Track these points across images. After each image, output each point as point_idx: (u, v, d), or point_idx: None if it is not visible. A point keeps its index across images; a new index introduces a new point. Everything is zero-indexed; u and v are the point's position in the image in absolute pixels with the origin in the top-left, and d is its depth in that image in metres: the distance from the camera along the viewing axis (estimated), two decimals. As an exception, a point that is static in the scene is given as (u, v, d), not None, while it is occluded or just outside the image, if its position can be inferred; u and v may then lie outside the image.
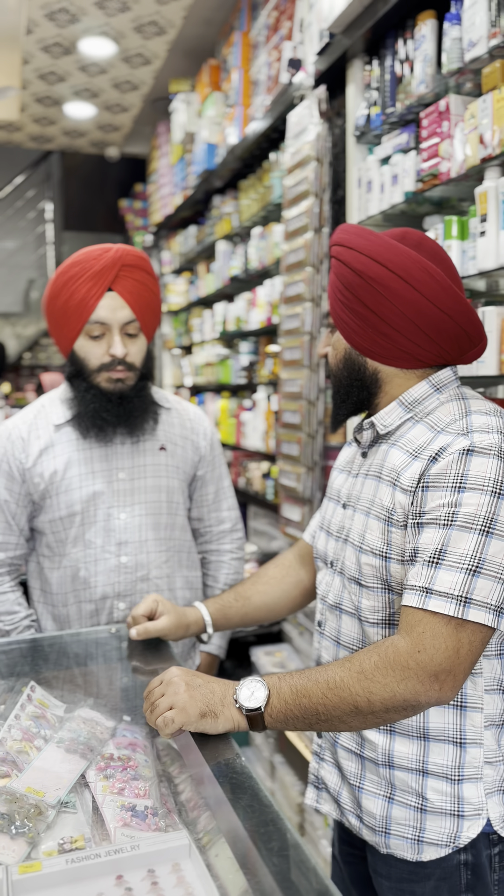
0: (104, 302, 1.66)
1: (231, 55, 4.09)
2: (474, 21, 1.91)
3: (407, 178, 2.31)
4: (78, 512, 1.71)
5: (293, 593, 1.57)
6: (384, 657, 1.09)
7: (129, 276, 1.68)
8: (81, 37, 4.43)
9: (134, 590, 1.74)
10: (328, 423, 2.89)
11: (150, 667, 1.45)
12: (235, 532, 1.98)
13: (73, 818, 1.07)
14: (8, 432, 1.76)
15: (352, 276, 1.24)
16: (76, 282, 1.65)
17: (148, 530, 1.76)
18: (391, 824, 1.24)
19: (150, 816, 1.07)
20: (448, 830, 1.20)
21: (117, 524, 1.73)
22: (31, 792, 1.08)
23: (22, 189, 8.08)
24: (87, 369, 1.71)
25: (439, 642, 1.07)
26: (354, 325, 1.26)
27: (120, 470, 1.75)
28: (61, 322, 1.69)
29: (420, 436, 1.21)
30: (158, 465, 1.79)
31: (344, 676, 1.10)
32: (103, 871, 0.89)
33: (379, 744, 1.24)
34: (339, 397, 1.35)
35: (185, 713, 1.10)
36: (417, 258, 1.20)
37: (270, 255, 3.60)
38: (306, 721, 1.12)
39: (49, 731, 1.27)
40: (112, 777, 1.16)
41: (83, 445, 1.74)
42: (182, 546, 1.85)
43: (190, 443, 1.87)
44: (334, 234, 1.32)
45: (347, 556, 1.30)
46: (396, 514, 1.19)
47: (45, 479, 1.71)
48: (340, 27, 2.59)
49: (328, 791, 1.37)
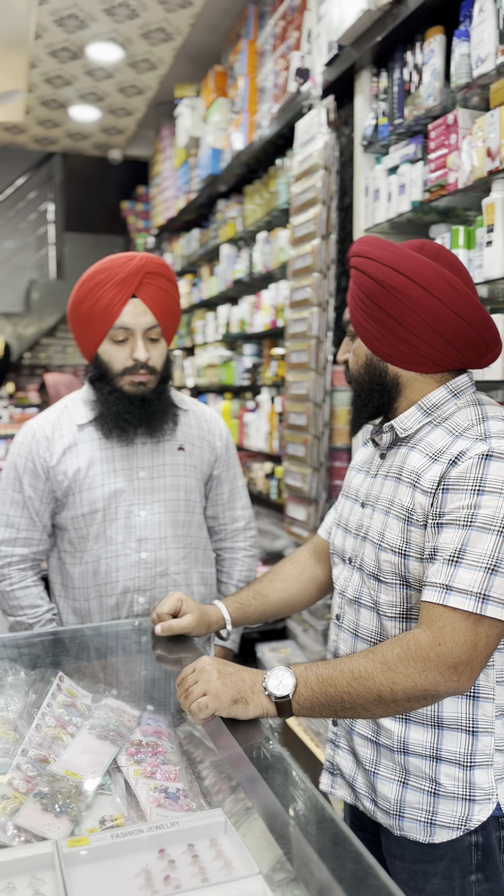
0: (128, 308, 1.72)
1: (237, 62, 4.16)
2: (483, 38, 1.98)
3: (414, 188, 2.38)
4: (100, 509, 1.77)
5: (309, 589, 1.63)
6: (406, 649, 1.16)
7: (152, 283, 1.75)
8: (89, 42, 4.49)
9: (153, 584, 1.80)
10: (334, 425, 2.95)
11: (175, 656, 1.51)
12: (249, 530, 2.05)
13: (109, 799, 1.13)
14: (33, 431, 1.82)
15: (374, 285, 1.29)
16: (101, 288, 1.71)
17: (167, 527, 1.82)
18: (405, 808, 1.30)
19: (181, 798, 1.13)
20: (459, 814, 1.26)
21: (137, 521, 1.79)
22: (70, 774, 1.14)
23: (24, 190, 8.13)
24: (110, 373, 1.76)
25: (458, 636, 1.14)
26: (376, 332, 1.31)
27: (140, 469, 1.81)
28: (86, 327, 1.75)
29: (439, 440, 1.27)
30: (177, 465, 1.86)
31: (368, 667, 1.17)
32: (146, 846, 0.95)
33: (394, 731, 1.30)
34: (361, 401, 1.39)
35: (218, 699, 1.16)
36: (436, 268, 1.26)
37: (275, 260, 3.66)
38: (331, 708, 1.18)
39: (79, 718, 1.33)
40: (143, 762, 1.22)
41: (105, 445, 1.80)
42: (198, 543, 1.91)
43: (206, 443, 1.93)
44: (354, 246, 1.38)
45: (367, 552, 1.36)
46: (416, 514, 1.25)
47: (68, 476, 1.77)
48: (349, 39, 2.65)
49: (343, 777, 1.43)
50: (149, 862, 0.93)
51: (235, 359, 4.64)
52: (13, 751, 1.19)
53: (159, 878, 0.90)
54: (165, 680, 1.53)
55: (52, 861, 0.92)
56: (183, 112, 4.92)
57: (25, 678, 1.43)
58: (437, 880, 1.29)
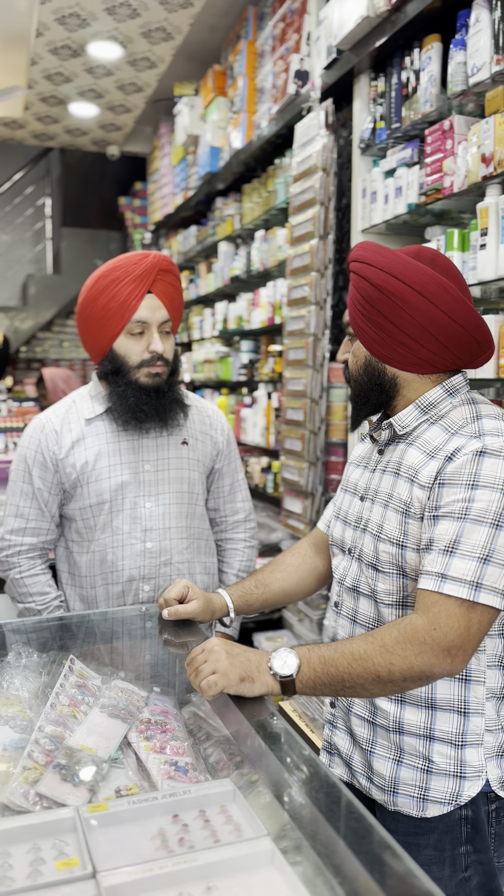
0: (145, 303, 1.80)
1: (237, 62, 4.21)
2: (478, 47, 2.05)
3: (410, 191, 2.45)
4: (107, 500, 1.84)
5: (309, 579, 1.70)
6: (403, 633, 1.23)
7: (164, 279, 1.84)
8: (90, 40, 4.54)
9: (158, 573, 1.87)
10: (330, 421, 3.02)
11: (181, 640, 1.58)
12: (249, 522, 2.12)
13: (122, 772, 1.20)
14: (42, 425, 1.89)
15: (372, 290, 1.36)
16: (118, 284, 1.78)
17: (171, 518, 1.90)
18: (399, 784, 1.37)
19: (190, 771, 1.20)
20: (451, 790, 1.34)
21: (143, 512, 1.87)
22: (85, 749, 1.21)
23: (21, 185, 8.15)
24: (126, 365, 1.83)
25: (453, 621, 1.21)
26: (374, 334, 1.37)
27: (146, 462, 1.89)
28: (101, 322, 1.81)
29: (435, 437, 1.34)
30: (181, 458, 1.93)
31: (367, 649, 1.24)
32: (161, 812, 1.02)
33: (390, 712, 1.38)
34: (360, 400, 1.46)
35: (227, 677, 1.23)
36: (433, 274, 1.33)
37: (273, 258, 3.73)
38: (332, 688, 1.25)
39: (91, 698, 1.40)
40: (153, 738, 1.29)
41: (112, 438, 1.87)
42: (201, 534, 1.99)
43: (209, 437, 2.01)
44: (353, 251, 1.44)
45: (366, 544, 1.43)
46: (414, 507, 1.32)
47: (76, 468, 1.84)
48: (348, 44, 2.72)
49: (340, 756, 1.51)
50: (164, 826, 1.00)
51: (232, 355, 4.70)
52: (30, 727, 1.26)
53: (174, 840, 0.97)
54: (171, 663, 1.60)
55: (74, 825, 0.99)
56: (182, 110, 4.98)
57: (38, 661, 1.50)
58: (429, 851, 1.36)
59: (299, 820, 0.96)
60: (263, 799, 1.03)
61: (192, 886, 0.88)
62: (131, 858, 0.92)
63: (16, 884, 0.88)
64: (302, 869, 0.88)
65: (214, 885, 0.89)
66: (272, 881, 0.89)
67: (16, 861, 0.93)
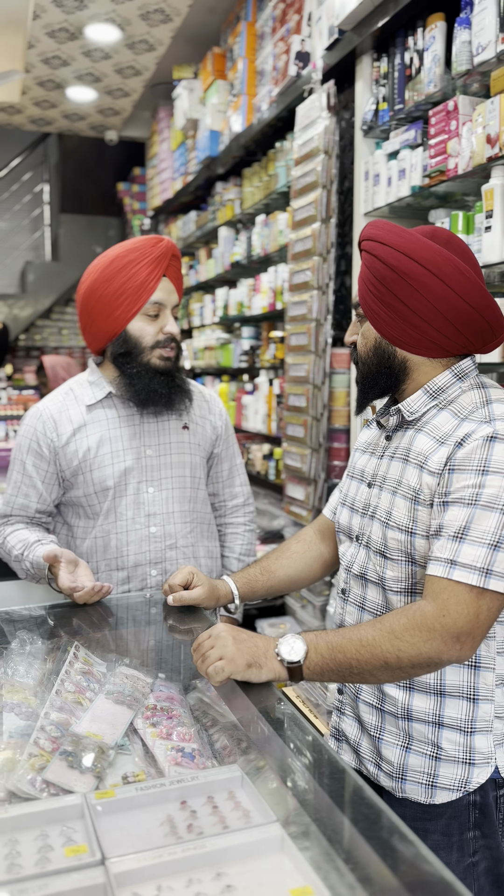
0: (161, 285, 1.82)
1: (236, 45, 4.16)
2: (483, 26, 2.02)
3: (414, 173, 2.42)
4: (110, 487, 1.84)
5: (314, 566, 1.69)
6: (412, 619, 1.22)
7: (174, 264, 1.87)
8: (87, 23, 4.49)
9: (164, 557, 1.87)
10: (333, 407, 3.01)
11: (186, 626, 1.58)
12: (248, 506, 2.13)
13: (128, 758, 1.19)
14: (39, 413, 1.89)
15: (386, 270, 1.33)
16: (136, 266, 1.79)
17: (174, 503, 1.90)
18: (407, 771, 1.37)
19: (197, 757, 1.20)
20: (459, 776, 1.33)
21: (146, 497, 1.87)
22: (91, 735, 1.20)
23: (19, 171, 8.10)
24: (139, 347, 1.84)
25: (462, 608, 1.20)
26: (386, 316, 1.34)
27: (147, 447, 1.88)
28: (116, 303, 1.80)
29: (445, 423, 1.32)
30: (182, 443, 1.93)
31: (375, 635, 1.23)
32: (168, 798, 1.01)
33: (399, 698, 1.37)
34: (368, 383, 1.43)
35: (234, 663, 1.22)
36: (448, 255, 1.30)
37: (274, 243, 3.70)
38: (340, 674, 1.25)
39: (96, 685, 1.39)
40: (159, 724, 1.28)
41: (113, 424, 1.87)
42: (203, 518, 1.99)
43: (208, 422, 2.01)
44: (366, 229, 1.38)
45: (374, 530, 1.42)
46: (423, 493, 1.31)
47: (78, 456, 1.83)
48: (350, 24, 2.68)
49: (348, 742, 1.50)
50: (172, 812, 0.99)
51: (233, 341, 4.68)
52: (36, 714, 1.25)
53: (183, 826, 0.96)
54: (175, 649, 1.60)
55: (82, 811, 0.98)
56: (181, 94, 4.93)
57: (42, 648, 1.49)
58: (437, 836, 1.36)
59: (308, 805, 0.95)
60: (271, 785, 1.03)
61: (202, 873, 0.88)
62: (140, 845, 0.91)
63: (24, 871, 0.87)
64: (311, 854, 0.87)
65: (224, 871, 0.88)
66: (282, 867, 0.89)
67: (24, 848, 0.92)
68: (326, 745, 1.04)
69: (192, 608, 1.61)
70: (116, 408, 1.88)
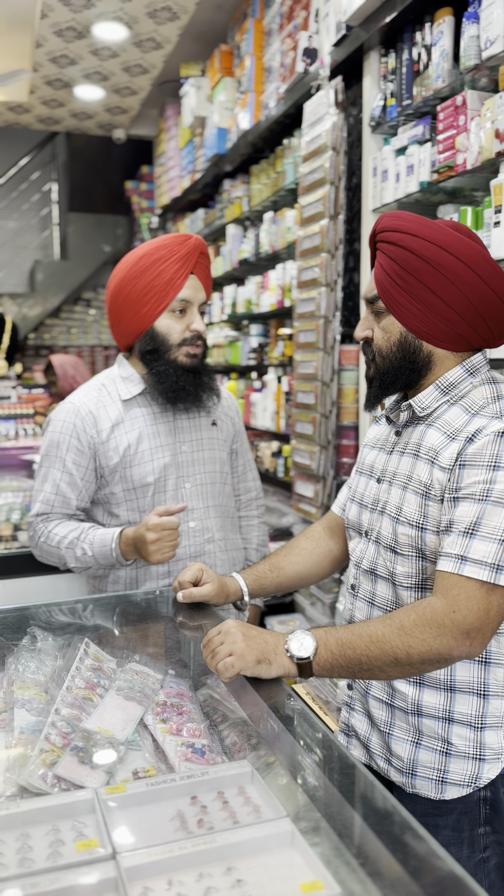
0: (188, 282, 1.83)
1: (244, 42, 4.16)
2: (492, 20, 2.01)
3: (422, 169, 2.41)
4: (151, 483, 1.86)
5: (323, 563, 1.69)
6: (422, 615, 1.21)
7: (202, 262, 1.87)
8: (95, 21, 4.49)
9: (203, 550, 1.91)
10: (341, 404, 3.00)
11: (195, 622, 1.58)
12: (259, 500, 2.18)
13: (138, 754, 1.20)
14: (76, 409, 1.87)
15: (419, 262, 1.29)
16: (163, 263, 1.79)
17: (209, 497, 1.94)
18: (417, 766, 1.37)
19: (207, 753, 1.20)
20: (469, 772, 1.33)
21: (184, 493, 1.90)
22: (102, 731, 1.20)
23: (27, 170, 8.12)
24: (167, 344, 1.84)
25: (472, 604, 1.19)
26: (415, 309, 1.31)
27: (183, 443, 1.91)
28: (143, 300, 1.81)
29: (456, 418, 1.31)
30: (213, 439, 1.98)
31: (385, 631, 1.22)
32: (179, 793, 1.02)
33: (409, 694, 1.37)
34: (388, 379, 1.39)
35: (243, 659, 1.22)
36: (479, 248, 1.29)
37: (282, 240, 3.69)
38: (349, 670, 1.24)
39: (106, 681, 1.39)
40: (169, 720, 1.28)
41: (150, 421, 1.89)
42: (230, 512, 2.04)
43: (229, 419, 2.06)
44: (386, 220, 1.35)
45: (384, 526, 1.41)
46: (434, 489, 1.29)
47: (119, 452, 1.84)
48: (358, 20, 2.68)
49: (358, 738, 1.50)
50: (182, 807, 1.00)
51: (241, 339, 4.68)
52: (47, 710, 1.26)
53: (193, 822, 0.96)
54: (185, 645, 1.60)
55: (93, 806, 0.98)
56: (188, 91, 4.93)
57: (53, 644, 1.49)
58: (447, 832, 1.36)
59: (318, 801, 0.95)
60: (281, 780, 1.03)
61: (213, 867, 0.88)
62: (151, 840, 0.92)
63: (36, 865, 0.88)
64: (322, 849, 0.87)
65: (234, 865, 0.88)
66: (292, 862, 0.89)
67: (35, 843, 0.93)
68: (336, 741, 1.04)
69: (202, 605, 1.61)
70: (151, 405, 1.90)
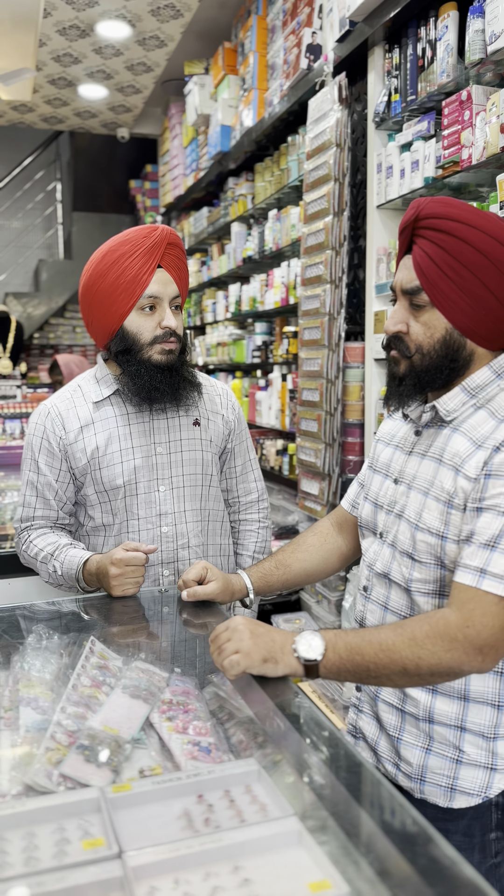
0: (156, 277, 1.74)
1: (247, 39, 4.15)
2: (497, 14, 2.00)
3: (427, 164, 2.40)
4: (121, 486, 1.81)
5: (331, 559, 1.66)
6: (434, 627, 1.18)
7: (172, 253, 1.79)
8: (98, 19, 4.49)
9: (176, 557, 1.85)
10: (346, 401, 2.99)
11: (200, 620, 1.57)
12: (262, 502, 2.09)
13: (144, 753, 1.19)
14: (47, 410, 1.86)
15: (474, 254, 1.22)
16: (128, 259, 1.73)
17: (185, 501, 1.87)
18: (427, 773, 1.34)
19: (213, 751, 1.19)
20: (480, 781, 1.30)
21: (157, 496, 1.84)
22: (108, 729, 1.20)
23: (31, 170, 8.12)
24: (138, 343, 1.78)
25: (487, 620, 1.16)
26: (465, 305, 1.25)
27: (158, 445, 1.85)
28: (110, 299, 1.75)
29: (482, 423, 1.25)
30: (193, 440, 1.89)
31: (396, 640, 1.19)
32: (185, 792, 1.01)
33: (421, 701, 1.33)
34: (426, 378, 1.32)
35: (249, 657, 1.20)
36: None
37: (286, 237, 3.68)
38: (356, 675, 1.22)
39: (112, 679, 1.39)
40: (175, 718, 1.28)
41: (122, 422, 1.83)
42: (216, 516, 1.96)
43: (220, 417, 1.97)
44: (435, 206, 1.27)
45: (401, 531, 1.36)
46: (458, 497, 1.24)
47: (86, 454, 1.81)
48: (362, 15, 2.66)
49: (365, 740, 1.48)
50: (188, 806, 0.99)
51: (246, 337, 4.67)
52: (52, 708, 1.25)
53: (200, 820, 0.96)
54: (191, 643, 1.59)
55: (99, 805, 0.98)
56: (192, 89, 4.92)
57: (59, 643, 1.49)
58: (458, 838, 1.33)
59: (325, 799, 0.95)
60: (288, 779, 1.02)
61: (219, 866, 0.87)
62: (157, 838, 0.91)
63: (42, 864, 0.87)
64: (329, 848, 0.86)
65: (241, 864, 0.87)
66: (300, 860, 0.88)
67: (41, 841, 0.92)
68: (343, 740, 1.04)
69: (208, 602, 1.61)
70: (125, 405, 1.84)
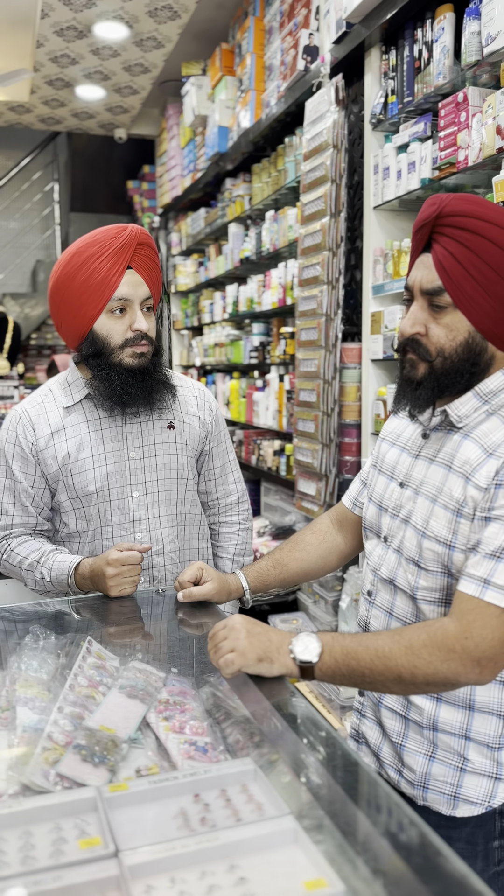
0: (126, 279, 1.70)
1: (244, 40, 4.15)
2: (493, 16, 2.01)
3: (424, 166, 2.41)
4: (93, 492, 1.78)
5: (329, 558, 1.65)
6: (432, 637, 1.17)
7: (142, 253, 1.73)
8: (96, 21, 4.49)
9: (151, 564, 1.82)
10: (343, 402, 3.00)
11: (196, 620, 1.58)
12: (242, 504, 2.04)
13: (141, 752, 1.19)
14: (18, 416, 1.82)
15: (503, 257, 1.20)
16: (96, 260, 1.67)
17: (160, 507, 1.82)
18: (430, 780, 1.33)
19: (210, 751, 1.20)
20: (484, 790, 1.30)
21: (130, 502, 1.80)
22: (104, 729, 1.20)
23: (29, 170, 8.12)
24: (109, 347, 1.73)
25: (487, 632, 1.15)
26: (489, 307, 1.22)
27: (131, 449, 1.81)
28: (79, 301, 1.71)
29: (494, 430, 1.23)
30: (168, 444, 1.85)
31: (392, 648, 1.18)
32: (181, 791, 1.01)
33: (425, 709, 1.33)
34: (446, 382, 1.28)
35: (245, 657, 1.20)
36: None
37: (284, 238, 3.69)
38: (352, 680, 1.21)
39: (109, 679, 1.39)
40: (171, 718, 1.28)
41: (94, 427, 1.80)
42: (192, 520, 1.92)
43: (196, 419, 1.92)
44: (459, 203, 1.23)
45: (407, 537, 1.34)
46: (467, 506, 1.22)
47: (57, 460, 1.78)
48: (359, 17, 2.67)
49: (368, 746, 1.47)
50: (185, 806, 0.99)
51: (243, 338, 4.68)
52: (49, 708, 1.26)
53: (196, 820, 0.96)
54: (187, 644, 1.60)
55: (95, 804, 0.98)
56: (189, 90, 4.93)
57: (55, 643, 1.49)
58: (461, 845, 1.32)
59: (321, 799, 0.95)
60: (284, 778, 1.03)
61: (215, 865, 0.88)
62: (153, 838, 0.91)
63: (39, 863, 0.87)
64: (325, 847, 0.87)
65: (237, 863, 0.88)
66: (295, 859, 0.88)
67: (38, 841, 0.92)
68: (340, 739, 1.04)
69: (204, 602, 1.61)
70: (97, 409, 1.80)
